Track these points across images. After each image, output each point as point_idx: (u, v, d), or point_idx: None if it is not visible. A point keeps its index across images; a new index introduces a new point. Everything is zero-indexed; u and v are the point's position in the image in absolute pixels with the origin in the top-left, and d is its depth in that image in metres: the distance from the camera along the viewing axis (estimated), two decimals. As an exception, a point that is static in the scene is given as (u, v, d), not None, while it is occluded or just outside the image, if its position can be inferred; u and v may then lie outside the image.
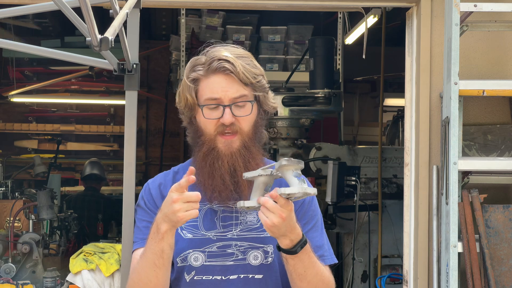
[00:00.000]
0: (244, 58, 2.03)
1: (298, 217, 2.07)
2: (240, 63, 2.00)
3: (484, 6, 2.97)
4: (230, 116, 1.99)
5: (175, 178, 2.12)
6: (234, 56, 2.01)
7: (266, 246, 2.05)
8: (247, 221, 2.06)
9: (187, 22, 6.15)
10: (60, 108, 8.61)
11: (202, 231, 2.05)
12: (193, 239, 2.05)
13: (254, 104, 2.03)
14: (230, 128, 2.00)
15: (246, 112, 2.01)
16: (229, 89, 1.99)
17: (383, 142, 5.62)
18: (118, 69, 2.52)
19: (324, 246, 2.13)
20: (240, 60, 2.01)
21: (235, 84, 2.00)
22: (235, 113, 2.00)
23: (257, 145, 2.05)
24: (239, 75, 1.98)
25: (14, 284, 3.84)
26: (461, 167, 2.97)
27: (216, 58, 2.01)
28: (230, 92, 1.99)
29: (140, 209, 2.14)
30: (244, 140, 2.02)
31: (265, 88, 2.06)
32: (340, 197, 4.67)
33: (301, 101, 4.87)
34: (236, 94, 1.99)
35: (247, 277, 2.03)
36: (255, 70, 2.03)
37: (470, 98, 3.36)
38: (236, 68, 1.98)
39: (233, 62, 1.99)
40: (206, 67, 2.01)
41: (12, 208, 4.40)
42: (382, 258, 4.91)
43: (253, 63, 2.05)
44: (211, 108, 2.01)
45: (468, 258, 3.03)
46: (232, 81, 2.00)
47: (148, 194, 2.13)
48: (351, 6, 3.67)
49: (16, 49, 2.57)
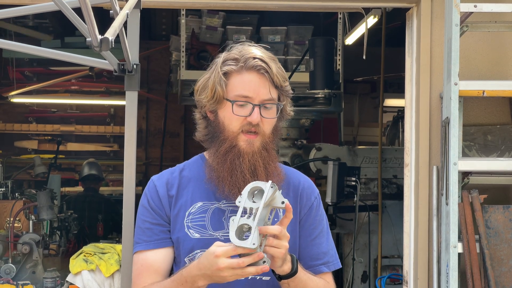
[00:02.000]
0: (275, 61, 2.06)
1: (307, 222, 2.07)
2: (273, 64, 2.03)
3: (484, 6, 2.97)
4: (258, 116, 2.00)
5: (182, 176, 2.10)
6: (268, 57, 2.03)
7: None
8: None
9: (187, 22, 6.15)
10: (60, 109, 8.61)
11: (209, 231, 2.04)
12: (200, 239, 2.03)
13: (279, 108, 2.05)
14: (254, 128, 2.01)
15: (272, 115, 2.03)
16: (262, 89, 2.01)
17: (383, 143, 5.62)
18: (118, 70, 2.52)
19: (330, 251, 2.13)
20: (273, 62, 2.04)
21: (267, 85, 2.01)
22: (262, 114, 2.01)
23: (275, 149, 2.07)
24: (273, 77, 2.01)
25: (14, 285, 3.84)
26: (461, 168, 2.97)
27: (251, 56, 2.02)
28: (262, 92, 2.01)
29: (144, 208, 2.10)
30: (264, 141, 2.03)
31: (289, 94, 2.09)
32: (340, 197, 4.67)
33: (301, 101, 4.87)
34: (267, 95, 2.01)
35: (254, 278, 2.02)
36: (284, 74, 2.06)
37: (470, 99, 3.36)
38: (272, 69, 2.01)
39: (268, 62, 2.01)
40: (241, 63, 2.02)
41: (12, 209, 4.39)
42: (382, 258, 4.91)
43: (281, 68, 2.07)
44: (240, 105, 2.01)
45: (468, 258, 3.03)
46: (265, 82, 2.01)
47: (154, 192, 2.10)
48: (351, 6, 3.67)
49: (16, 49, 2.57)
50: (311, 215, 2.11)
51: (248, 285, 2.02)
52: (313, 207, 2.12)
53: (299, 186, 2.13)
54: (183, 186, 2.09)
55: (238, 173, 2.00)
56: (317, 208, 2.13)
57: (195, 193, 2.06)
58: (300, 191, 2.12)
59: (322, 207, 2.16)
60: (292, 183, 2.13)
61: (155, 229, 2.06)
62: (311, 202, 2.12)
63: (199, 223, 2.04)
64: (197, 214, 2.05)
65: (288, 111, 2.12)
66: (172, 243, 2.06)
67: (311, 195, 2.13)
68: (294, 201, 2.10)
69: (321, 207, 2.15)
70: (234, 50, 2.06)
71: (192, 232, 2.04)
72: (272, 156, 2.05)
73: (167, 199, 2.07)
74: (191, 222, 2.05)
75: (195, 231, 2.04)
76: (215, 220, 2.05)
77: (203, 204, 2.06)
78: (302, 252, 2.09)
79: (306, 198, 2.11)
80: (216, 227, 2.04)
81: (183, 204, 2.06)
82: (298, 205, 2.10)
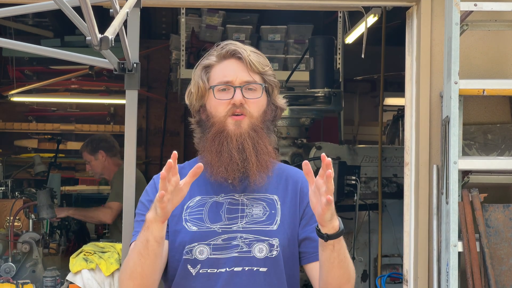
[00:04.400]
0: (255, 52, 2.14)
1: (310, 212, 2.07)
2: (250, 52, 2.11)
3: (484, 5, 2.97)
4: (240, 96, 2.06)
5: (181, 173, 2.11)
6: (245, 46, 2.13)
7: (272, 239, 2.05)
8: (253, 213, 2.07)
9: (187, 21, 6.15)
10: (60, 108, 8.60)
11: (207, 223, 2.06)
12: (198, 231, 2.05)
13: (264, 89, 2.10)
14: (240, 109, 2.06)
15: (257, 95, 2.08)
16: (241, 72, 2.08)
17: (383, 142, 5.61)
18: (118, 69, 2.52)
19: None
20: (251, 52, 2.11)
21: (246, 69, 2.08)
22: (245, 95, 2.07)
23: (265, 132, 2.10)
24: (247, 62, 2.07)
25: (14, 284, 3.84)
26: (461, 167, 2.97)
27: (227, 45, 2.10)
28: (241, 75, 2.08)
29: (141, 204, 2.14)
30: (253, 122, 2.07)
31: (274, 82, 2.14)
32: (340, 196, 4.67)
33: (301, 100, 4.86)
34: (247, 77, 2.08)
35: (251, 269, 2.03)
36: (264, 61, 2.13)
37: (470, 98, 3.36)
38: (246, 55, 2.08)
39: (244, 48, 2.10)
40: (218, 53, 2.10)
41: (12, 208, 4.39)
42: (382, 257, 4.91)
43: (263, 58, 2.15)
44: (222, 90, 2.08)
45: (468, 257, 3.03)
46: (244, 66, 2.08)
47: (153, 188, 2.14)
48: (351, 5, 3.66)
49: (16, 48, 2.57)
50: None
51: (245, 277, 2.03)
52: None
53: (298, 181, 2.15)
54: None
55: (225, 154, 2.04)
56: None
57: (194, 188, 2.07)
58: (300, 184, 2.14)
59: None
60: (291, 179, 2.16)
61: None
62: None
63: (197, 217, 2.07)
64: (195, 208, 2.08)
65: (278, 101, 2.17)
66: (167, 237, 2.07)
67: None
68: (294, 195, 2.12)
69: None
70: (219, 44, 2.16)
71: (190, 225, 2.06)
72: (262, 136, 2.08)
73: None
74: (189, 216, 2.08)
75: (192, 224, 2.06)
76: (213, 213, 2.07)
77: (201, 198, 2.09)
78: (308, 241, 2.10)
79: (307, 189, 2.08)
80: (213, 219, 2.06)
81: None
82: (299, 199, 2.12)
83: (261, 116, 2.10)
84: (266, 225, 2.06)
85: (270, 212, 2.08)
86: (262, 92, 2.09)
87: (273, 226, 2.06)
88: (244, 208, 2.08)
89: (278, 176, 2.15)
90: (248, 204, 2.08)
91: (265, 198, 2.09)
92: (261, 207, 2.08)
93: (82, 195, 7.64)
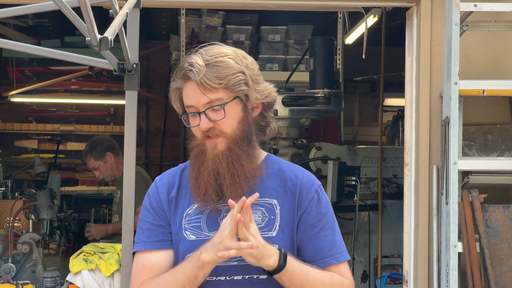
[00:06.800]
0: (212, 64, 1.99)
1: (309, 216, 2.06)
2: (204, 68, 1.97)
3: (484, 6, 2.97)
4: (206, 122, 1.99)
5: (182, 176, 2.12)
6: (204, 61, 1.98)
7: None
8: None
9: (187, 22, 6.15)
10: (60, 108, 8.60)
11: (205, 232, 2.04)
12: (196, 240, 2.03)
13: (231, 104, 2.00)
14: (211, 132, 2.00)
15: (220, 116, 1.99)
16: (200, 95, 1.99)
17: (383, 142, 5.61)
18: (118, 69, 2.52)
19: (337, 243, 2.10)
20: (208, 65, 1.98)
21: (206, 90, 1.98)
22: (212, 118, 1.99)
23: (245, 144, 2.04)
24: (198, 83, 1.97)
25: (14, 284, 3.84)
26: (461, 167, 2.97)
27: (185, 63, 2.01)
28: (202, 98, 1.99)
29: (145, 209, 2.12)
30: (228, 142, 2.02)
31: (244, 83, 2.01)
32: (340, 197, 4.67)
33: (301, 101, 4.86)
34: (207, 99, 1.99)
35: (251, 277, 2.02)
36: (226, 71, 1.98)
37: (470, 98, 3.36)
38: (196, 76, 1.96)
39: (196, 69, 1.97)
40: (179, 75, 2.03)
41: (12, 208, 4.39)
42: (382, 258, 4.91)
43: (226, 64, 2.00)
44: (192, 116, 2.03)
45: (468, 258, 3.03)
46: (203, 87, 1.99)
47: (155, 193, 2.12)
48: (351, 6, 3.67)
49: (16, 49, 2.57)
50: (313, 208, 2.08)
51: (246, 285, 2.02)
52: (315, 199, 2.08)
53: (297, 181, 2.10)
54: (183, 187, 2.10)
55: (201, 181, 2.01)
56: (319, 201, 2.09)
57: (192, 195, 2.06)
58: (299, 187, 2.09)
59: (326, 199, 2.13)
60: (289, 179, 2.10)
61: (155, 230, 2.07)
62: (311, 195, 2.08)
63: (195, 225, 2.05)
64: (193, 216, 2.06)
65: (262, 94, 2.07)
66: (172, 245, 2.07)
67: (311, 188, 2.09)
68: (292, 197, 2.08)
69: (324, 199, 2.11)
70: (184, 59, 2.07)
71: (189, 233, 2.04)
72: (239, 155, 2.02)
73: (167, 202, 2.08)
74: (188, 224, 2.05)
75: (191, 233, 2.04)
76: (211, 220, 2.04)
77: (199, 205, 2.06)
78: (307, 246, 2.07)
79: (306, 191, 2.08)
80: (211, 227, 2.03)
81: (182, 206, 2.07)
82: (297, 200, 2.08)
83: (239, 127, 2.03)
84: (265, 232, 2.03)
85: (269, 217, 2.05)
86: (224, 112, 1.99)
87: (272, 232, 2.03)
88: None
89: (278, 177, 2.10)
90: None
91: (264, 203, 2.06)
92: (260, 213, 2.04)
93: (82, 195, 7.64)
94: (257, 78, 2.06)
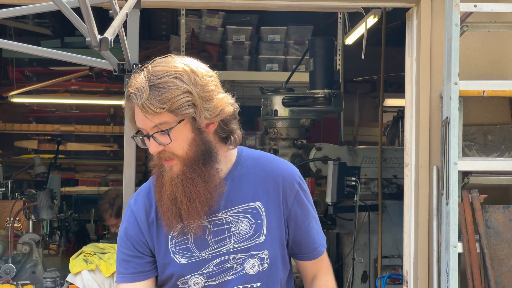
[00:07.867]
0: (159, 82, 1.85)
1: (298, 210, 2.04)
2: (147, 92, 1.83)
3: (484, 6, 2.97)
4: (155, 146, 1.89)
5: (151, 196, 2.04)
6: (149, 82, 1.85)
7: (261, 252, 2.00)
8: (240, 230, 1.99)
9: (187, 22, 6.15)
10: (60, 109, 8.60)
11: (195, 253, 1.98)
12: (188, 263, 1.98)
13: (178, 127, 1.87)
14: (163, 155, 1.91)
15: (167, 141, 1.87)
16: (145, 119, 1.86)
17: (383, 143, 5.61)
18: (118, 70, 2.52)
19: (319, 229, 2.12)
20: (152, 87, 1.84)
21: (149, 115, 1.85)
22: (160, 141, 1.88)
23: (200, 165, 1.92)
24: (141, 108, 1.84)
25: (14, 285, 3.84)
26: (461, 168, 2.97)
27: (129, 88, 1.88)
28: (147, 122, 1.87)
29: (120, 238, 2.05)
30: (182, 164, 1.92)
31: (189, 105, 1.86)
32: (340, 197, 4.67)
33: (301, 101, 4.87)
34: (151, 123, 1.86)
35: (246, 287, 2.00)
36: (169, 94, 1.83)
37: (470, 98, 3.36)
38: (138, 100, 1.84)
39: (139, 93, 1.84)
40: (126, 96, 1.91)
41: (12, 209, 4.40)
42: (382, 258, 4.91)
43: (170, 85, 1.85)
44: (142, 138, 1.93)
45: (468, 258, 3.03)
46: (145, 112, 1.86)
47: (131, 220, 2.03)
48: (351, 6, 3.66)
49: (16, 49, 2.58)
50: (299, 201, 2.05)
51: None
52: (299, 194, 2.04)
53: (277, 178, 2.03)
54: None
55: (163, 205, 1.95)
56: (303, 193, 2.06)
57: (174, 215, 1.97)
58: (281, 184, 2.02)
59: (305, 187, 2.08)
60: (271, 175, 2.03)
61: (131, 262, 2.02)
62: (295, 191, 2.04)
63: (184, 247, 1.99)
64: (179, 237, 1.99)
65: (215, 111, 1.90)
66: (153, 273, 2.03)
67: (293, 183, 2.04)
68: (275, 194, 2.02)
69: (305, 189, 2.07)
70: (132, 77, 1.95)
71: (179, 257, 1.99)
72: (193, 179, 1.91)
73: (147, 226, 2.01)
74: (175, 247, 1.99)
75: (181, 256, 1.99)
76: (198, 239, 1.98)
77: (183, 225, 1.97)
78: (302, 240, 2.07)
79: (290, 188, 2.03)
80: (200, 247, 1.98)
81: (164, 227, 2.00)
82: (282, 197, 2.03)
83: (191, 149, 1.90)
84: (254, 239, 1.99)
85: (256, 223, 2.00)
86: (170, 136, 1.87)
87: (260, 238, 1.99)
88: (230, 226, 1.98)
89: (255, 175, 2.03)
90: (232, 221, 1.98)
91: (248, 209, 2.00)
92: (246, 221, 1.99)
93: (82, 196, 7.65)
94: (208, 95, 1.89)
